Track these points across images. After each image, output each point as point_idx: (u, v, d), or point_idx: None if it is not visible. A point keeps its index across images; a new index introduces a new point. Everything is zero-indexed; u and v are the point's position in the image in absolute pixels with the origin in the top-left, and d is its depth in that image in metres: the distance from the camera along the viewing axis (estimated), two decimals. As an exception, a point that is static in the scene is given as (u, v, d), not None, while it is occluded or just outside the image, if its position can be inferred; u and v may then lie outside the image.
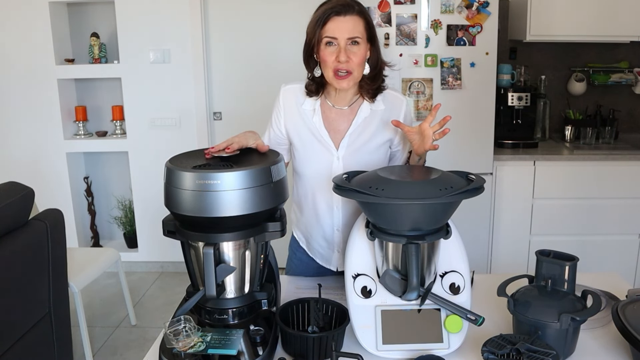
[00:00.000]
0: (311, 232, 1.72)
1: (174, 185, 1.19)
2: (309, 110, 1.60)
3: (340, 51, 1.46)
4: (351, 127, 1.58)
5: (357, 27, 1.47)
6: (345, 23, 1.46)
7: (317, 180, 1.62)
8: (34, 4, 3.52)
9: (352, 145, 1.59)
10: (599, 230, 3.18)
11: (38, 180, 3.61)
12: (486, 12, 2.90)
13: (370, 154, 1.60)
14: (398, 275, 1.26)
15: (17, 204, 2.03)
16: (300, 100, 1.61)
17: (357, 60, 1.48)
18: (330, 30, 1.46)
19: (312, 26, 1.50)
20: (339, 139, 1.59)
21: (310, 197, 1.66)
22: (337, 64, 1.47)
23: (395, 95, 1.63)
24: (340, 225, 1.65)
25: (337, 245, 1.69)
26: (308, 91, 1.60)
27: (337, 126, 1.60)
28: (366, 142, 1.59)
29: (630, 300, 1.30)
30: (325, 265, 1.75)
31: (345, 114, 1.60)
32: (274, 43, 3.61)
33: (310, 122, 1.60)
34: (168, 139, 3.70)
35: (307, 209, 1.69)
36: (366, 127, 1.59)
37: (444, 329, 1.27)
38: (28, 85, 3.65)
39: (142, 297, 3.55)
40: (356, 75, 1.51)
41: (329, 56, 1.48)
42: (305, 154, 1.62)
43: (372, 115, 1.59)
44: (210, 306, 1.28)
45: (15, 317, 1.99)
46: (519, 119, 3.29)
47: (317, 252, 1.75)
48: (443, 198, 1.16)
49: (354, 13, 1.47)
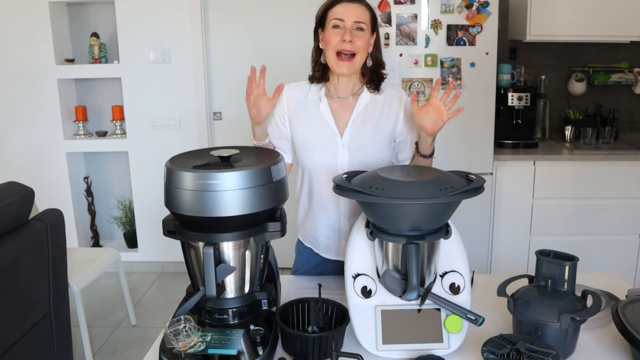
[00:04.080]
0: (317, 224, 1.74)
1: (174, 185, 1.19)
2: (315, 99, 1.65)
3: (345, 32, 1.53)
4: (353, 114, 1.63)
5: (364, 14, 1.56)
6: (354, 8, 1.55)
7: (323, 170, 1.65)
8: (34, 4, 3.52)
9: (356, 134, 1.62)
10: (599, 230, 3.18)
11: (38, 180, 3.60)
12: (486, 12, 2.90)
13: (374, 142, 1.63)
14: (398, 275, 1.26)
15: (17, 204, 2.03)
16: (304, 92, 1.66)
17: (361, 44, 1.54)
18: (338, 13, 1.54)
19: (322, 10, 1.60)
20: (343, 127, 1.63)
21: (317, 187, 1.68)
22: (342, 45, 1.53)
23: (393, 86, 1.70)
24: (347, 213, 1.68)
25: (344, 233, 1.71)
26: (312, 77, 1.66)
27: (340, 114, 1.64)
28: (369, 130, 1.63)
29: (630, 300, 1.30)
30: (331, 256, 1.77)
31: (348, 103, 1.65)
32: (274, 43, 3.60)
33: (316, 112, 1.64)
34: (168, 139, 3.70)
35: (314, 199, 1.71)
36: (368, 115, 1.63)
37: (444, 329, 1.27)
38: (28, 85, 3.65)
39: (142, 297, 3.55)
40: (358, 60, 1.56)
41: (334, 37, 1.54)
42: (311, 145, 1.65)
43: (373, 102, 1.64)
44: (210, 306, 1.28)
45: (15, 317, 1.99)
46: (519, 119, 3.28)
47: (323, 244, 1.76)
48: (443, 198, 1.16)
49: (362, 3, 1.57)
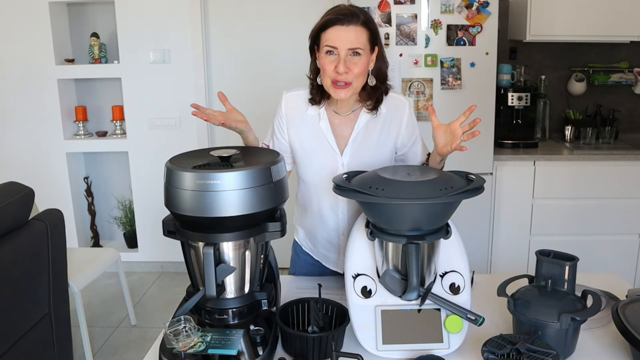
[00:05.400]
0: (316, 235, 1.72)
1: (174, 185, 1.19)
2: (314, 115, 1.58)
3: (339, 62, 1.42)
4: (353, 132, 1.57)
5: (359, 37, 1.42)
6: (347, 33, 1.41)
7: (321, 187, 1.61)
8: (34, 4, 3.52)
9: (356, 152, 1.57)
10: (599, 230, 3.18)
11: (38, 180, 3.60)
12: (486, 12, 2.90)
13: (374, 160, 1.57)
14: (398, 275, 1.26)
15: (17, 204, 2.03)
16: (303, 107, 1.59)
17: (357, 70, 1.44)
18: (331, 39, 1.43)
19: (314, 32, 1.48)
20: (343, 145, 1.58)
21: (316, 202, 1.65)
22: (336, 75, 1.43)
23: (396, 97, 1.59)
24: (346, 230, 1.64)
25: (342, 248, 1.68)
26: (312, 100, 1.56)
27: (341, 132, 1.58)
28: (370, 146, 1.57)
29: (630, 300, 1.30)
30: (330, 266, 1.75)
31: (348, 119, 1.58)
32: (274, 43, 3.60)
33: (316, 128, 1.57)
34: (168, 139, 3.70)
35: (312, 214, 1.68)
36: (369, 132, 1.57)
37: (444, 329, 1.27)
38: (28, 85, 3.65)
39: (142, 297, 3.55)
40: (355, 86, 1.47)
41: (328, 65, 1.44)
42: (309, 160, 1.60)
43: (374, 119, 1.57)
44: (210, 306, 1.28)
45: (15, 317, 1.99)
46: (519, 119, 3.28)
47: (322, 254, 1.74)
48: (443, 198, 1.16)
49: (358, 23, 1.42)
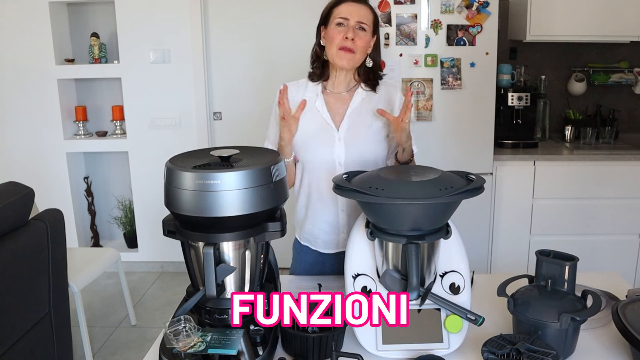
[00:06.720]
0: (315, 221, 1.75)
1: (174, 185, 1.19)
2: (312, 96, 1.69)
3: (348, 30, 1.59)
4: (349, 108, 1.68)
5: (367, 15, 1.63)
6: (358, 8, 1.62)
7: (320, 164, 1.68)
8: (34, 4, 3.52)
9: (352, 127, 1.67)
10: (599, 230, 3.18)
11: (38, 180, 3.60)
12: (486, 12, 2.90)
13: (370, 135, 1.67)
14: (398, 275, 1.26)
15: (17, 204, 2.03)
16: (301, 90, 1.71)
17: (362, 43, 1.61)
18: (343, 11, 1.61)
19: (327, 8, 1.66)
20: (339, 121, 1.68)
21: (315, 181, 1.71)
22: (344, 41, 1.59)
23: (389, 83, 1.75)
24: (345, 206, 1.70)
25: (342, 227, 1.73)
26: (312, 75, 1.71)
27: (336, 109, 1.69)
28: (365, 124, 1.67)
29: (630, 300, 1.30)
30: (330, 250, 1.78)
31: (343, 98, 1.70)
32: (274, 43, 3.61)
33: (313, 107, 1.68)
34: (168, 139, 3.70)
35: (312, 195, 1.73)
36: (363, 109, 1.68)
37: (444, 329, 1.27)
38: (28, 85, 3.65)
39: (142, 297, 3.55)
40: (358, 57, 1.62)
41: (338, 34, 1.60)
42: (308, 140, 1.68)
43: (368, 98, 1.69)
44: (210, 306, 1.28)
45: (15, 317, 1.99)
46: (519, 119, 3.29)
47: (322, 240, 1.78)
48: (443, 198, 1.16)
49: (365, 4, 1.65)
